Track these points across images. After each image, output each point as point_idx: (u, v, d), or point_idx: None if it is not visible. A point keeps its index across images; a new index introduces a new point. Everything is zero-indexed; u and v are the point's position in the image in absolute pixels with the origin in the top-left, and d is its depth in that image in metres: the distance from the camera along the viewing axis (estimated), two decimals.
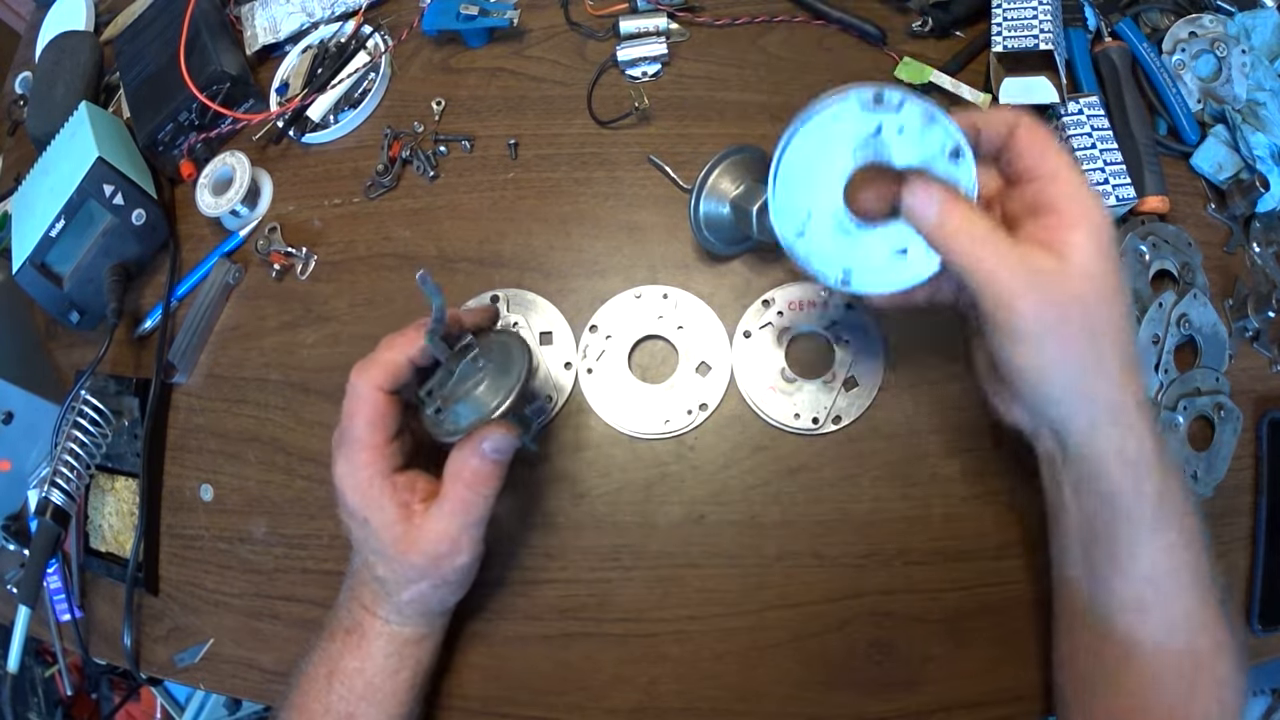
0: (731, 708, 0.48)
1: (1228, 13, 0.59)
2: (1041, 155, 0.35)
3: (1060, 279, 0.33)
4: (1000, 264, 0.33)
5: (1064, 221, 0.34)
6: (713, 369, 0.52)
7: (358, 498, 0.41)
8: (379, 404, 0.40)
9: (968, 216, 0.34)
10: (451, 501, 0.40)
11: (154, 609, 0.57)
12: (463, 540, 0.40)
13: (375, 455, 0.40)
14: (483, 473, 0.40)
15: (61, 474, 0.54)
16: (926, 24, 0.59)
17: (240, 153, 0.62)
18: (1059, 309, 0.33)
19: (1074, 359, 0.34)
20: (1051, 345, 0.34)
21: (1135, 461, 0.36)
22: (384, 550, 0.41)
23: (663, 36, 0.60)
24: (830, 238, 0.38)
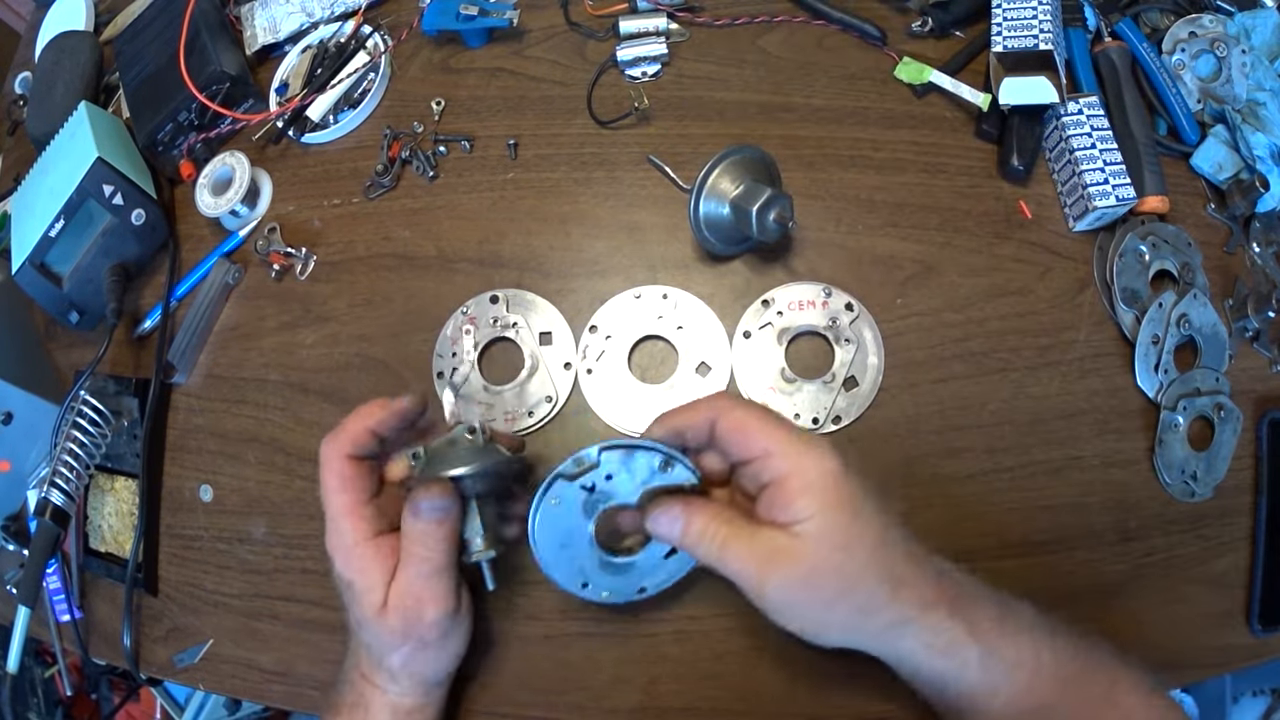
0: (731, 708, 0.48)
1: (1228, 13, 0.59)
2: (746, 441, 0.38)
3: (797, 555, 0.36)
4: (741, 557, 0.37)
5: (786, 493, 0.37)
6: (713, 369, 0.52)
7: (343, 561, 0.41)
8: (345, 469, 0.41)
9: (704, 525, 0.38)
10: (405, 562, 0.40)
11: (153, 609, 0.57)
12: (424, 595, 0.40)
13: (354, 518, 0.41)
14: (419, 531, 0.40)
15: (61, 474, 0.54)
16: (926, 24, 0.59)
17: (240, 153, 0.62)
18: (804, 581, 0.36)
19: (836, 614, 0.37)
20: (810, 611, 0.37)
21: (944, 646, 0.37)
22: (366, 616, 0.41)
23: (663, 36, 0.60)
24: (611, 576, 0.43)
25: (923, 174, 0.56)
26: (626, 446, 0.39)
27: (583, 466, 0.39)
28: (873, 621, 0.37)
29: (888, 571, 0.37)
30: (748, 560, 0.37)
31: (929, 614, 0.37)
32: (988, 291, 0.53)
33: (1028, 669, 0.38)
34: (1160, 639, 0.49)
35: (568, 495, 0.40)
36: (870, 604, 0.37)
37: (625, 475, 0.39)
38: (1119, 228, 0.54)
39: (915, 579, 0.37)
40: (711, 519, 0.38)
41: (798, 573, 0.36)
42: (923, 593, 0.37)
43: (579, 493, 0.40)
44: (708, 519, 0.38)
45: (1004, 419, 0.51)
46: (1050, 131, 0.56)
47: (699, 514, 0.38)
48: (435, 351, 0.55)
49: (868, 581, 0.36)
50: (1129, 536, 0.50)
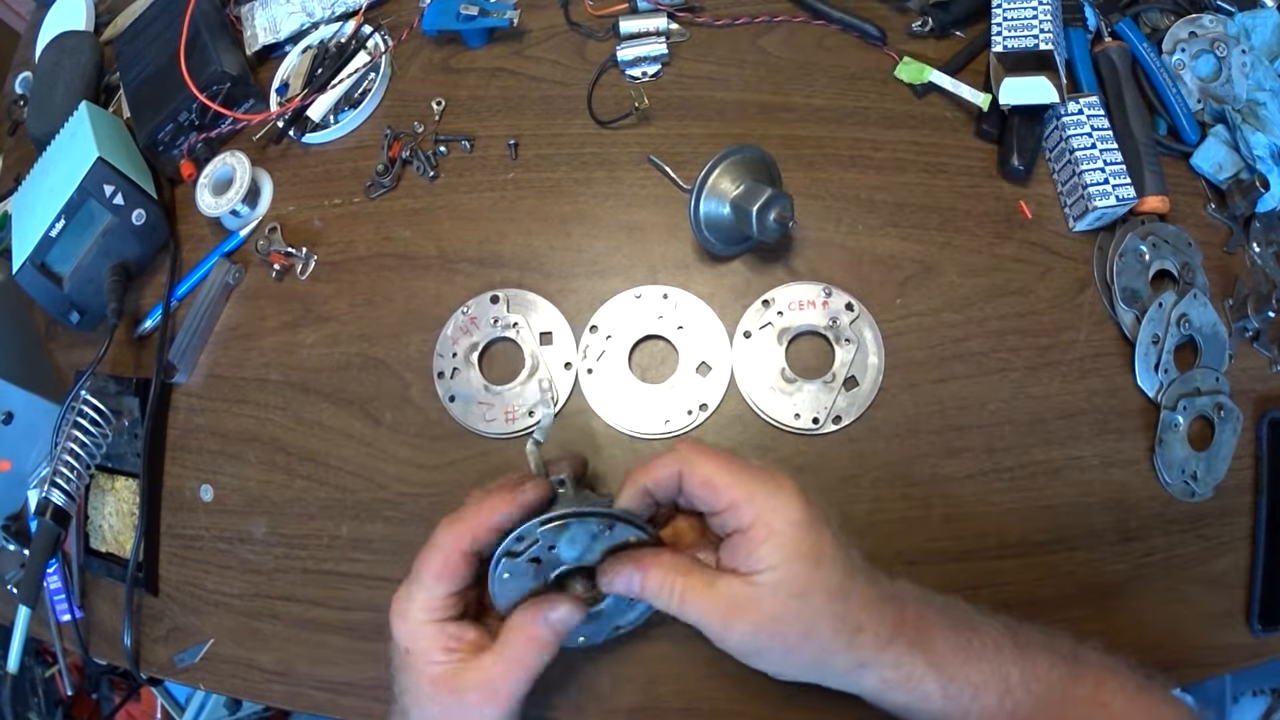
0: (731, 708, 0.48)
1: (1228, 13, 0.59)
2: (712, 496, 0.38)
3: (756, 604, 0.37)
4: (700, 608, 0.38)
5: (750, 543, 0.37)
6: (713, 369, 0.52)
7: (404, 631, 0.41)
8: (453, 563, 0.40)
9: (660, 579, 0.38)
10: (500, 652, 0.40)
11: (154, 609, 0.57)
12: (500, 692, 0.39)
13: (433, 604, 0.40)
14: (539, 638, 0.40)
15: (61, 474, 0.54)
16: (926, 24, 0.59)
17: (240, 153, 0.62)
18: (765, 630, 0.37)
19: (798, 658, 0.38)
20: (773, 655, 0.38)
21: (902, 680, 0.38)
22: (418, 688, 0.40)
23: (663, 36, 0.60)
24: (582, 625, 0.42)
25: (923, 174, 0.56)
26: (560, 520, 0.38)
27: (525, 543, 0.39)
28: (833, 663, 0.38)
29: (844, 619, 0.37)
30: (709, 611, 0.38)
31: (886, 652, 0.38)
32: (988, 291, 0.54)
33: (994, 691, 0.38)
34: (1160, 639, 0.49)
35: (517, 569, 0.40)
36: (829, 648, 0.37)
37: (565, 547, 0.40)
38: (1119, 228, 0.54)
39: (871, 622, 0.38)
40: (667, 572, 0.39)
41: (758, 621, 0.37)
42: (878, 633, 0.38)
43: (527, 564, 0.40)
44: (664, 572, 0.39)
45: (1004, 419, 0.51)
46: (1050, 131, 0.56)
47: (654, 568, 0.39)
48: (435, 351, 0.55)
49: (824, 629, 0.37)
50: (1129, 536, 0.50)
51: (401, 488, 0.54)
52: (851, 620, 0.37)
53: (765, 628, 0.37)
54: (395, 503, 0.54)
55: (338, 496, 0.55)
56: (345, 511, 0.54)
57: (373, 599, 0.52)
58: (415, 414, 0.55)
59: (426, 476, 0.54)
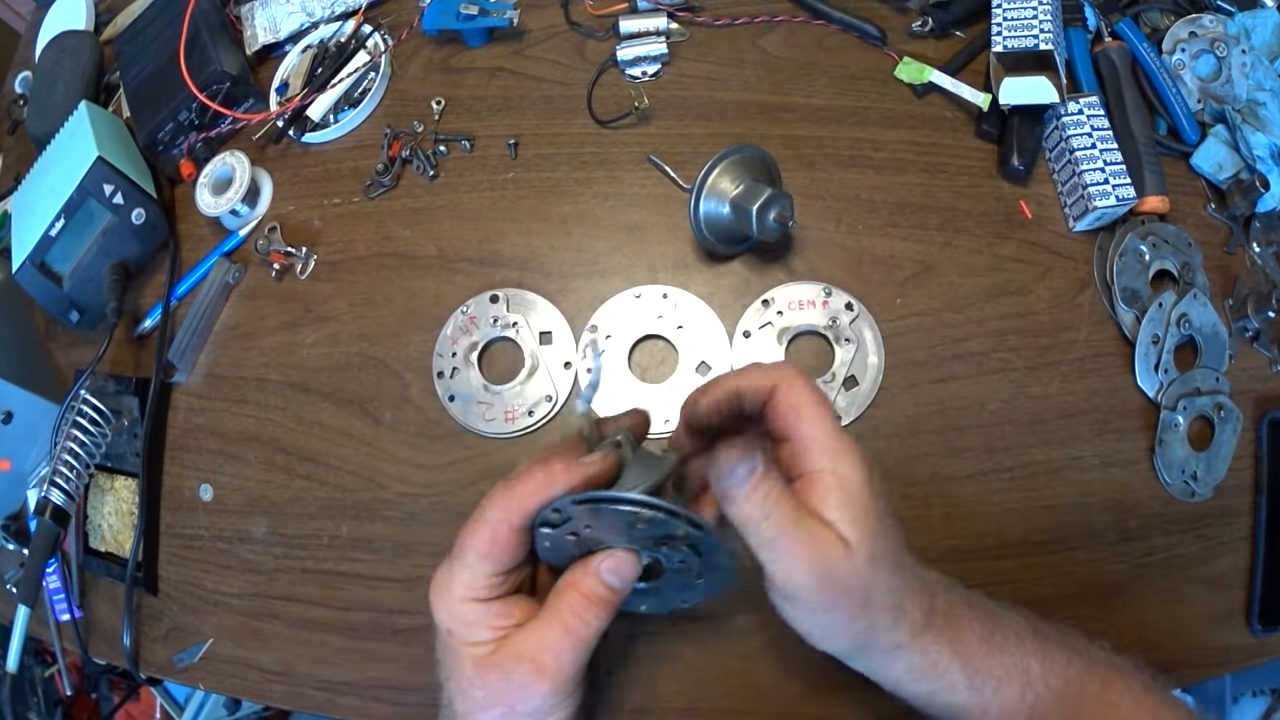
0: (733, 708, 0.48)
1: (1228, 13, 0.59)
2: (796, 422, 0.36)
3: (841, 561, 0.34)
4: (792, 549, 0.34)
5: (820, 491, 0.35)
6: (713, 369, 0.52)
7: (445, 612, 0.37)
8: (501, 540, 0.36)
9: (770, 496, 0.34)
10: (547, 619, 0.36)
11: (153, 609, 0.57)
12: (548, 665, 0.35)
13: (476, 583, 0.36)
14: (592, 595, 0.35)
15: (61, 474, 0.54)
16: (926, 24, 0.59)
17: (240, 152, 0.62)
18: (838, 584, 0.34)
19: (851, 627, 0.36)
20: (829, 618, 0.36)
21: (928, 669, 0.37)
22: (461, 670, 0.37)
23: (663, 36, 0.60)
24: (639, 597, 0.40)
25: (923, 174, 0.56)
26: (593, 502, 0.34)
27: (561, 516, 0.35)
28: (877, 641, 0.36)
29: (896, 594, 0.36)
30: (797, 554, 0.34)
31: (920, 638, 0.37)
32: (988, 291, 0.54)
33: (1016, 684, 0.37)
34: (1160, 639, 0.49)
35: (556, 539, 0.37)
36: (879, 622, 0.36)
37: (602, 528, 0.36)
38: (1119, 228, 0.54)
39: (911, 606, 0.37)
40: (782, 494, 0.34)
41: (835, 573, 0.34)
42: (915, 619, 0.37)
43: (566, 537, 0.36)
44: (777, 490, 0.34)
45: (1004, 419, 0.51)
46: (1050, 131, 0.56)
47: (770, 481, 0.34)
48: (435, 351, 0.55)
49: (880, 600, 0.35)
50: (1129, 536, 0.50)
51: (401, 487, 0.54)
52: (899, 598, 0.36)
53: (839, 583, 0.34)
54: (395, 502, 0.54)
55: (337, 496, 0.55)
56: (345, 511, 0.54)
57: (373, 599, 0.52)
58: (415, 414, 0.55)
59: (426, 476, 0.54)
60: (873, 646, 0.37)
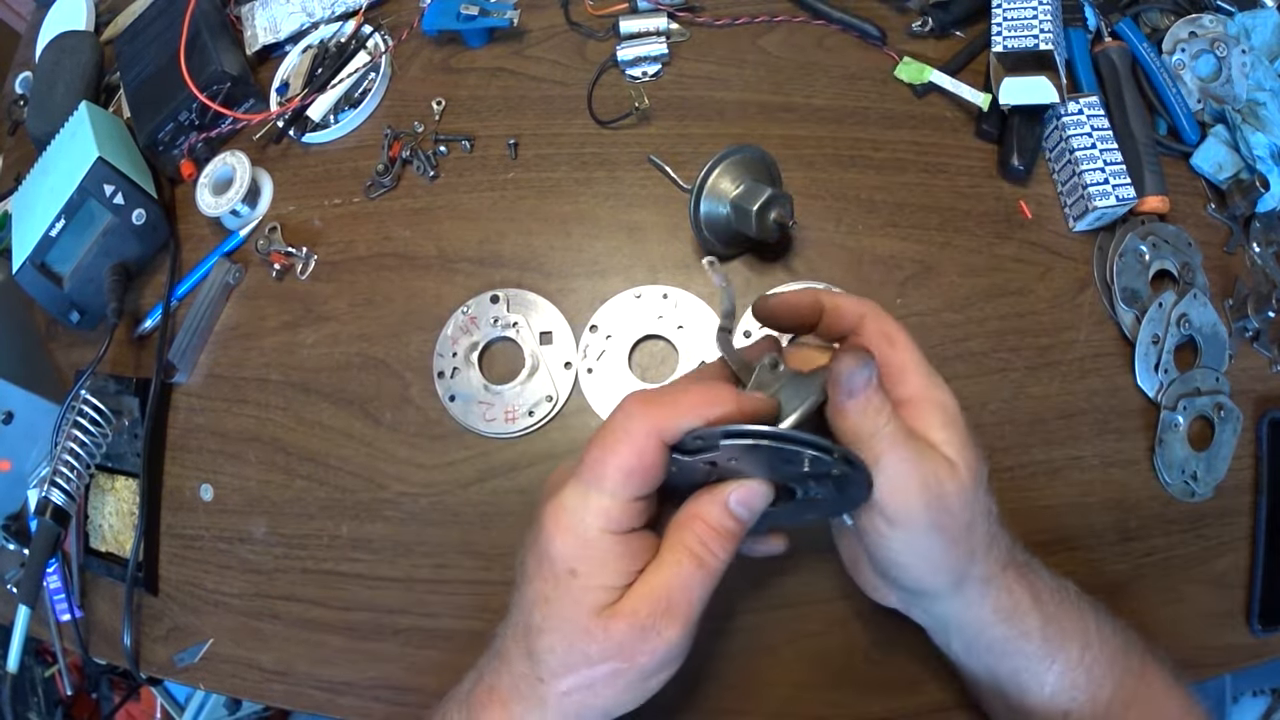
0: (732, 708, 0.47)
1: (1228, 13, 0.59)
2: (891, 352, 0.35)
3: (950, 482, 0.33)
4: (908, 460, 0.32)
5: (925, 415, 0.34)
6: None
7: (573, 546, 0.32)
8: (649, 455, 0.31)
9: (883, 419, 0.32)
10: (676, 554, 0.32)
11: (154, 609, 0.57)
12: (680, 606, 0.32)
13: (616, 510, 0.31)
14: (720, 527, 0.32)
15: (61, 474, 0.54)
16: (926, 24, 0.59)
17: (240, 152, 0.62)
18: (945, 512, 0.33)
19: (949, 553, 0.34)
20: (934, 542, 0.34)
21: (1010, 610, 0.37)
22: (575, 621, 0.32)
23: (663, 36, 0.60)
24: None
25: (923, 174, 0.56)
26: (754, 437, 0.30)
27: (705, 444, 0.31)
28: (972, 571, 0.35)
29: (990, 524, 0.35)
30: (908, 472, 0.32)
31: (1005, 574, 0.36)
32: (988, 291, 0.54)
33: (1078, 639, 0.37)
34: (1160, 639, 0.48)
35: (688, 465, 0.33)
36: (977, 550, 0.34)
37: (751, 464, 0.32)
38: (1119, 228, 0.54)
39: (999, 537, 0.36)
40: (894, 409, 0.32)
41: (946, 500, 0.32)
42: (1000, 554, 0.36)
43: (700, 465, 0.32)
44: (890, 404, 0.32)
45: (1004, 419, 0.51)
46: (1050, 131, 0.56)
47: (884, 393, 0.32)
48: (435, 351, 0.55)
49: (981, 527, 0.34)
50: (1129, 536, 0.50)
51: (401, 487, 0.54)
52: (992, 527, 0.35)
53: (947, 503, 0.32)
54: (395, 502, 0.54)
55: (338, 496, 0.55)
56: (345, 511, 0.54)
57: (373, 599, 0.52)
58: (415, 414, 0.55)
59: (426, 476, 0.54)
60: (968, 580, 0.35)
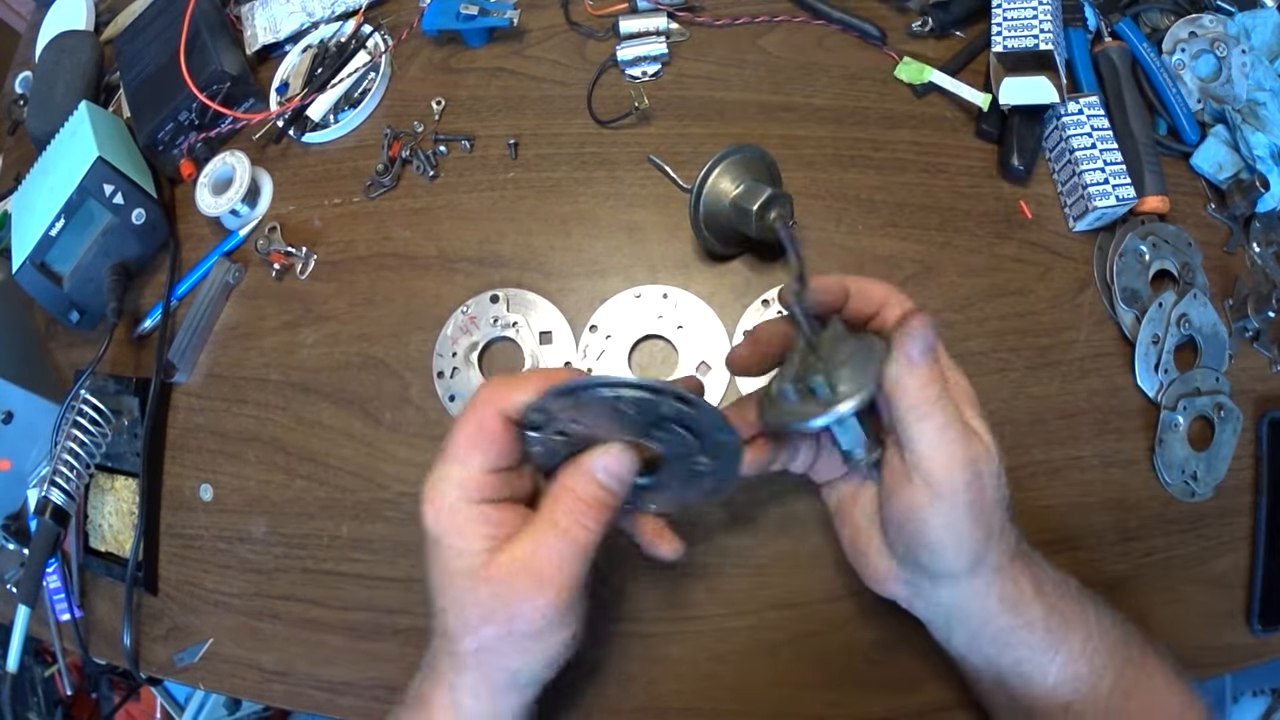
0: (731, 708, 0.47)
1: (1228, 13, 0.59)
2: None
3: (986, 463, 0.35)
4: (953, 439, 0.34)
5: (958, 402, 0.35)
6: (713, 369, 0.52)
7: (435, 516, 0.34)
8: (488, 424, 0.34)
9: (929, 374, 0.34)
10: (543, 525, 0.34)
11: (153, 609, 0.57)
12: (547, 575, 0.33)
13: (469, 479, 0.34)
14: (588, 497, 0.34)
15: (61, 473, 0.54)
16: (926, 24, 0.59)
17: (240, 152, 0.62)
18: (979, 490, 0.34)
19: (972, 532, 0.35)
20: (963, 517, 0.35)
21: (1015, 599, 0.37)
22: (452, 585, 0.34)
23: (663, 36, 0.60)
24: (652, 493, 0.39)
25: (923, 174, 0.56)
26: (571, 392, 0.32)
27: (544, 415, 0.33)
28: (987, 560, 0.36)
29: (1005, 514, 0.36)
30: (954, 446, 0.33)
31: (1012, 565, 0.37)
32: (988, 291, 0.53)
33: (1081, 632, 0.38)
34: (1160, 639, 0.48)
35: (546, 443, 0.35)
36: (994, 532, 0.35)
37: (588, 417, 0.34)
38: (1119, 228, 0.54)
39: (1008, 528, 0.37)
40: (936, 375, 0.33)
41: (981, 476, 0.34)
42: (1009, 544, 0.37)
43: (554, 437, 0.34)
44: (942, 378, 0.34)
45: (1004, 419, 0.51)
46: (1050, 131, 0.56)
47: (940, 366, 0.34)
48: (435, 351, 0.55)
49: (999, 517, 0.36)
50: (1129, 536, 0.50)
51: (401, 487, 0.54)
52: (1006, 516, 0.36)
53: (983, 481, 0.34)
54: (395, 502, 0.54)
55: (337, 496, 0.55)
56: (345, 511, 0.54)
57: (373, 599, 0.52)
58: (415, 414, 0.55)
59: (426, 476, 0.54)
60: (982, 564, 0.36)
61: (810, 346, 0.36)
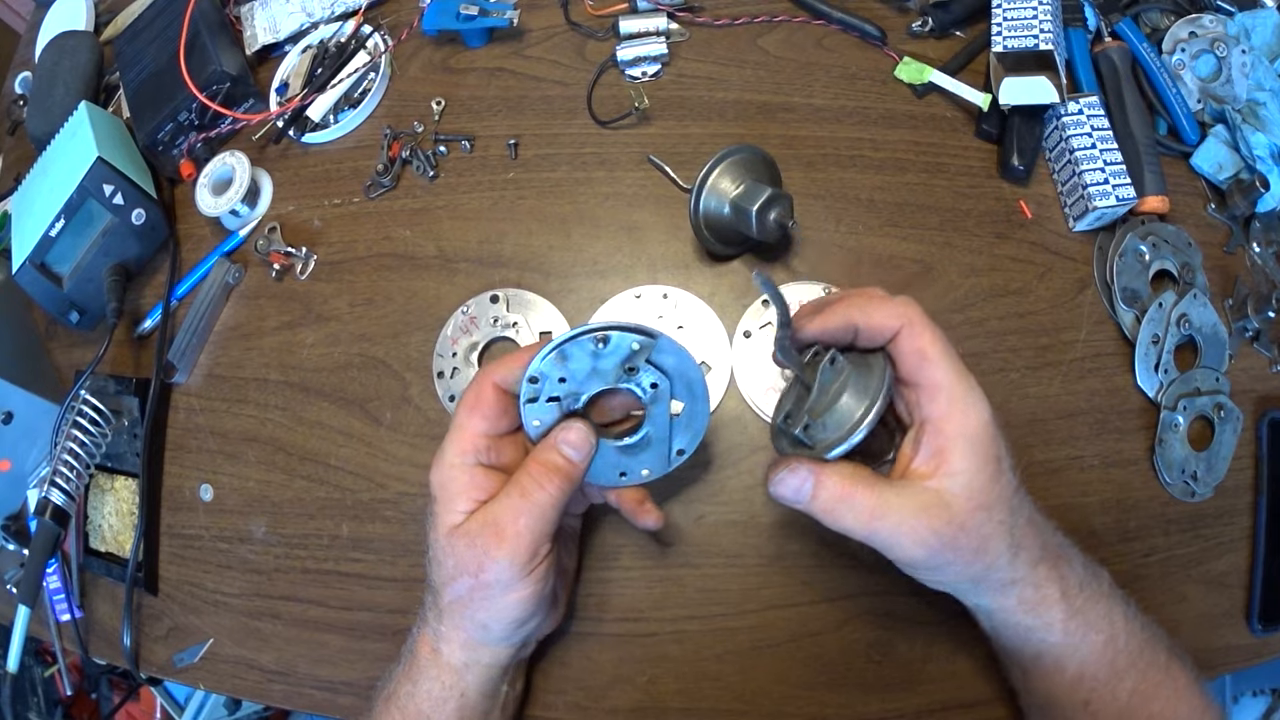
0: (731, 708, 0.48)
1: (1228, 13, 0.59)
2: (922, 367, 0.36)
3: (945, 512, 0.35)
4: (887, 521, 0.35)
5: (943, 439, 0.36)
6: (712, 369, 0.52)
7: (435, 474, 0.40)
8: (487, 393, 0.40)
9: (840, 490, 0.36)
10: (509, 488, 0.38)
11: (154, 609, 0.57)
12: (506, 531, 0.37)
13: (464, 444, 0.39)
14: (550, 465, 0.38)
15: (61, 474, 0.54)
16: (926, 24, 0.59)
17: (240, 152, 0.62)
18: (949, 541, 0.35)
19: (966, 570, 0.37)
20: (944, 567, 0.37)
21: (1035, 603, 0.38)
22: (437, 539, 0.39)
23: (663, 36, 0.60)
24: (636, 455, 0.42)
25: (923, 174, 0.56)
26: (556, 348, 0.37)
27: (538, 382, 0.38)
28: (992, 577, 0.37)
29: (1013, 534, 0.36)
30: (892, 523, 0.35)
31: (1035, 571, 0.37)
32: (988, 291, 0.53)
33: (1103, 633, 0.38)
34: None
35: (542, 413, 0.39)
36: (996, 563, 0.36)
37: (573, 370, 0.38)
38: (1119, 228, 0.54)
39: (1028, 541, 0.37)
40: (844, 481, 0.36)
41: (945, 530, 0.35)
42: (1032, 553, 0.37)
43: (549, 407, 0.39)
44: (841, 481, 0.36)
45: (1004, 419, 0.51)
46: (1050, 131, 0.56)
47: (831, 476, 0.36)
48: (435, 351, 0.55)
49: (997, 544, 0.36)
50: (1129, 536, 0.50)
51: (401, 487, 0.54)
52: (1017, 536, 0.37)
53: (950, 540, 0.35)
54: (395, 502, 0.54)
55: (337, 496, 0.55)
56: (345, 511, 0.54)
57: (373, 599, 0.52)
58: (415, 414, 0.55)
59: (426, 476, 0.53)
60: (986, 582, 0.37)
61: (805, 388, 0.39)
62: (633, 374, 0.39)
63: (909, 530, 0.35)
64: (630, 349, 0.38)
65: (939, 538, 0.35)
